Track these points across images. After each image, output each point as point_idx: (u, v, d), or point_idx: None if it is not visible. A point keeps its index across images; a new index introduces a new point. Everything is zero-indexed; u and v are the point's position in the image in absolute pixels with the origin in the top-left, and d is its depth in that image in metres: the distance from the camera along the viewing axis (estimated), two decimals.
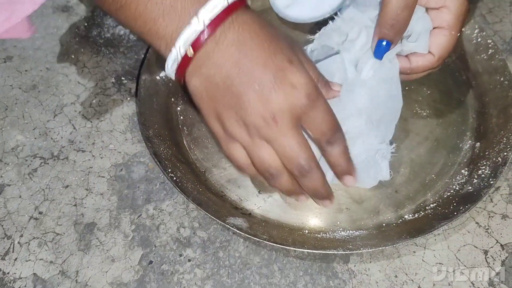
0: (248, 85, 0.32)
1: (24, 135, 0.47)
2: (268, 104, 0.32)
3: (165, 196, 0.43)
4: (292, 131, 0.33)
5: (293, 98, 0.33)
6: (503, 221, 0.42)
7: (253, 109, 0.33)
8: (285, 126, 0.33)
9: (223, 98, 0.33)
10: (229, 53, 0.32)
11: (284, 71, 0.33)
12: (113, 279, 0.39)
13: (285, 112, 0.33)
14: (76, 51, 0.53)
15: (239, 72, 0.32)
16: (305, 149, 0.34)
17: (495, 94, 0.47)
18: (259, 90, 0.32)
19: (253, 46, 0.33)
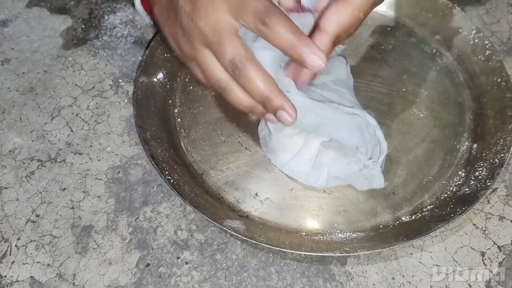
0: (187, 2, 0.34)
1: (22, 137, 0.47)
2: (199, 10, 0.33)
3: (163, 199, 0.43)
4: (223, 31, 0.33)
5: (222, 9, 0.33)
6: (500, 222, 0.42)
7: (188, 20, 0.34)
8: (216, 27, 0.33)
9: (173, 19, 0.36)
10: None
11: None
12: (110, 282, 0.39)
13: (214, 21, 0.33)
14: (73, 54, 0.53)
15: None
16: (236, 43, 0.33)
17: (492, 95, 0.47)
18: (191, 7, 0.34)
19: None
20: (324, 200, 0.42)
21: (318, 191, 0.42)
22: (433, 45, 0.52)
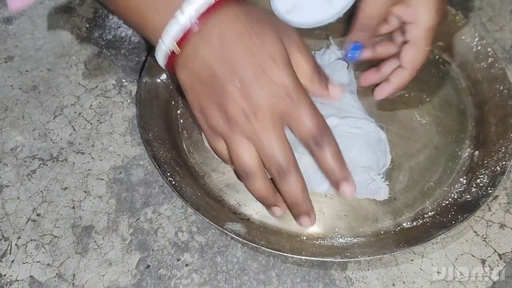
0: (229, 80, 0.33)
1: (24, 136, 0.47)
2: (248, 100, 0.33)
3: (164, 200, 0.43)
4: (273, 129, 0.34)
5: (273, 96, 0.33)
6: (501, 230, 0.42)
7: (234, 105, 0.33)
8: (265, 123, 0.33)
9: (207, 92, 0.34)
10: (213, 48, 0.33)
11: (265, 69, 0.33)
12: (110, 283, 0.39)
13: (265, 109, 0.33)
14: (77, 53, 0.53)
15: (221, 67, 0.33)
16: (285, 149, 0.34)
17: (495, 103, 0.47)
18: (240, 87, 0.33)
19: (237, 42, 0.33)
20: (325, 205, 0.42)
21: (320, 195, 0.42)
22: (436, 52, 0.52)
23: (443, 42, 0.52)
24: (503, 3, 0.58)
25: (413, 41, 0.41)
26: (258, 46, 0.33)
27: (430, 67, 0.51)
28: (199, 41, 0.33)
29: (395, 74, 0.44)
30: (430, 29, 0.41)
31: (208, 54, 0.33)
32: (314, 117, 0.34)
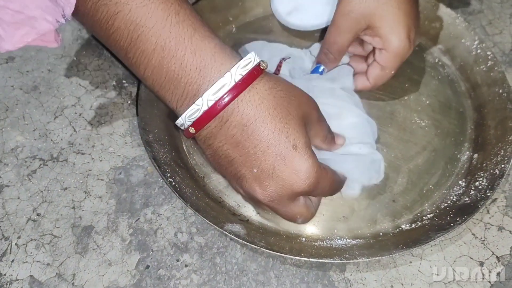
0: (247, 168, 0.33)
1: (24, 136, 0.47)
2: (265, 189, 0.33)
3: (164, 201, 0.43)
4: (290, 206, 0.35)
5: (293, 184, 0.33)
6: (499, 233, 0.42)
7: (251, 191, 0.34)
8: (282, 205, 0.35)
9: (226, 169, 0.34)
10: (232, 134, 0.32)
11: (285, 159, 0.32)
12: (109, 283, 0.39)
13: (282, 196, 0.34)
14: (78, 54, 0.53)
15: (240, 154, 0.33)
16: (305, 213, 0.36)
17: (494, 106, 0.47)
18: (257, 175, 0.33)
19: (257, 129, 0.32)
20: (324, 207, 0.42)
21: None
22: (435, 55, 0.52)
23: (442, 45, 0.52)
24: (503, 7, 0.58)
25: (381, 64, 0.44)
26: (282, 133, 0.32)
27: (430, 70, 0.51)
28: (217, 123, 0.32)
29: (359, 79, 0.46)
30: (398, 56, 0.43)
31: (227, 139, 0.32)
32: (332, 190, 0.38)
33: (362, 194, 0.43)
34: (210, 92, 0.31)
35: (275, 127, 0.32)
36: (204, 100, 0.31)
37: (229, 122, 0.32)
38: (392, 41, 0.42)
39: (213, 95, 0.31)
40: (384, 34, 0.42)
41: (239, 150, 0.32)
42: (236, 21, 0.55)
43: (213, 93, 0.31)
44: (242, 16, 0.56)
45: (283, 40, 0.54)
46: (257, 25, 0.55)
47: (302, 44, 0.53)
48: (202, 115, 0.32)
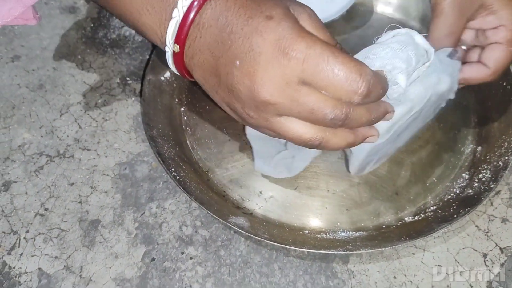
0: (231, 65, 0.29)
1: (31, 133, 0.48)
2: (254, 78, 0.28)
3: (168, 195, 0.44)
4: (298, 94, 0.28)
5: (279, 58, 0.28)
6: (503, 224, 0.42)
7: (244, 91, 0.29)
8: (285, 96, 0.29)
9: (219, 84, 0.31)
10: (210, 35, 0.30)
11: (262, 32, 0.28)
12: (116, 275, 0.39)
13: (274, 78, 0.28)
14: (82, 52, 0.54)
15: (221, 54, 0.29)
16: (323, 104, 0.29)
17: (498, 99, 0.47)
18: (241, 66, 0.28)
19: (229, 19, 0.29)
20: (327, 199, 0.43)
21: (322, 190, 0.43)
22: None
23: None
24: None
25: (501, 41, 0.39)
26: (254, 12, 0.28)
27: None
28: (196, 31, 0.30)
29: (474, 67, 0.40)
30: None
31: (206, 42, 0.30)
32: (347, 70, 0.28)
33: (365, 187, 0.43)
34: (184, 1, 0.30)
35: (246, 9, 0.29)
36: (179, 8, 0.30)
37: (207, 24, 0.30)
38: (508, 15, 0.38)
39: (185, 0, 0.30)
40: (499, 9, 0.38)
41: (219, 50, 0.29)
42: None
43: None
44: None
45: None
46: None
47: None
48: (181, 24, 0.30)
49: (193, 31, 0.30)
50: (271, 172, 0.43)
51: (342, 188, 0.43)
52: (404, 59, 0.31)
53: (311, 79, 0.28)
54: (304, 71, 0.28)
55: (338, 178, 0.44)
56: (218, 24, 0.29)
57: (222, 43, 0.29)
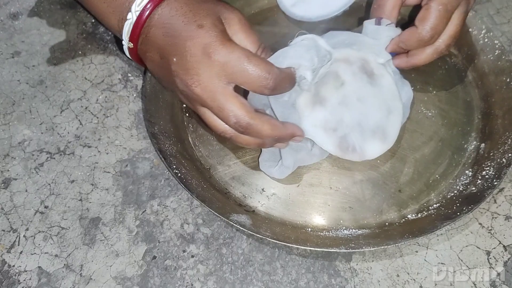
0: (171, 62, 0.36)
1: (31, 130, 0.48)
2: (188, 75, 0.35)
3: (170, 192, 0.43)
4: (221, 95, 0.35)
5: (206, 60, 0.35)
6: (507, 222, 0.41)
7: (182, 86, 0.36)
8: (211, 93, 0.35)
9: (166, 77, 0.38)
10: (158, 35, 0.37)
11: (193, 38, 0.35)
12: (117, 273, 0.39)
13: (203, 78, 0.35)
14: (83, 47, 0.54)
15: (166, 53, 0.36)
16: (238, 106, 0.35)
17: (501, 95, 0.47)
18: (178, 63, 0.36)
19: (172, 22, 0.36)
20: (330, 197, 0.42)
21: (324, 187, 0.43)
22: None
23: None
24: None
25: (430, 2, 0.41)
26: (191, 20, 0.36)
27: (436, 60, 0.50)
28: (147, 31, 0.38)
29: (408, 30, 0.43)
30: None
31: (157, 41, 0.37)
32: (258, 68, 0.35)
33: (368, 184, 0.43)
34: (136, 3, 0.37)
35: (184, 17, 0.36)
36: (133, 12, 0.38)
37: (155, 27, 0.37)
38: None
39: (138, 5, 0.37)
40: None
41: (165, 49, 0.37)
42: None
43: (138, 4, 0.37)
44: (246, 8, 0.55)
45: (288, 32, 0.53)
46: (262, 16, 0.55)
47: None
48: (134, 26, 0.38)
49: (143, 31, 0.38)
50: (276, 173, 0.43)
51: (344, 185, 0.43)
52: (308, 59, 0.39)
53: (231, 78, 0.35)
54: (225, 71, 0.35)
55: (341, 175, 0.43)
56: (164, 27, 0.37)
57: (166, 43, 0.37)
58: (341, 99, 0.42)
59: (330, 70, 0.43)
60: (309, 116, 0.41)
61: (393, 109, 0.43)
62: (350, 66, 0.43)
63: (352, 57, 0.44)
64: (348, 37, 0.45)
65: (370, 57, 0.44)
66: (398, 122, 0.43)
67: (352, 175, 0.43)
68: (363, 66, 0.44)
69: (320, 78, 0.41)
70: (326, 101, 0.42)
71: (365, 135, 0.42)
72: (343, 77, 0.43)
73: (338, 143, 0.42)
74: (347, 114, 0.42)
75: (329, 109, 0.42)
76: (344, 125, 0.42)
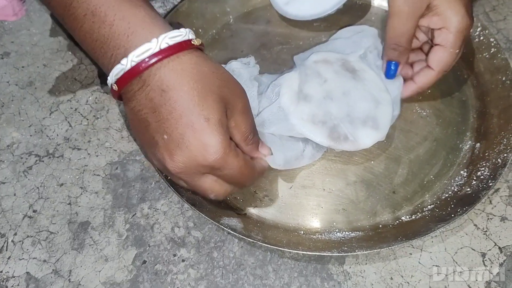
0: (160, 135, 0.33)
1: (20, 132, 0.47)
2: (173, 159, 0.33)
3: (160, 195, 0.43)
4: (199, 180, 0.35)
5: (198, 157, 0.33)
6: (502, 223, 0.41)
7: (161, 159, 0.34)
8: (191, 178, 0.34)
9: (143, 135, 0.35)
10: (151, 97, 0.33)
11: (195, 130, 0.32)
12: (106, 279, 0.38)
13: (188, 168, 0.33)
14: (73, 48, 0.53)
15: (156, 120, 0.33)
16: (216, 189, 0.36)
17: (497, 94, 0.46)
18: (167, 143, 0.33)
19: (174, 96, 0.32)
20: (323, 199, 0.42)
21: (317, 189, 0.42)
22: None
23: None
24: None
25: (443, 44, 0.42)
26: (197, 105, 0.32)
27: None
28: (140, 85, 0.33)
29: (421, 74, 0.44)
30: (459, 32, 0.41)
31: (146, 101, 0.33)
32: (240, 175, 0.35)
33: (362, 186, 0.42)
34: (134, 54, 0.32)
35: (191, 98, 0.32)
36: (129, 60, 0.33)
37: (150, 86, 0.33)
38: (453, 17, 0.41)
39: (137, 57, 0.32)
40: (443, 11, 0.41)
41: (155, 116, 0.33)
42: (233, 12, 0.54)
43: (137, 55, 0.32)
44: (239, 7, 0.55)
45: (281, 31, 0.53)
46: (255, 15, 0.54)
47: (300, 34, 0.52)
48: (125, 74, 0.33)
49: (135, 82, 0.33)
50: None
51: (338, 187, 0.42)
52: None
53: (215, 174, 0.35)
54: (213, 172, 0.34)
55: (334, 177, 0.43)
56: (162, 95, 0.32)
57: (159, 112, 0.33)
58: (325, 94, 0.42)
59: (311, 71, 0.43)
60: (295, 111, 0.41)
61: (381, 100, 0.43)
62: (331, 66, 0.44)
63: (331, 58, 0.45)
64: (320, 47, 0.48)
65: (350, 57, 0.45)
66: (388, 112, 0.43)
67: (345, 176, 0.43)
68: (343, 65, 0.44)
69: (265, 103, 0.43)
70: (310, 96, 0.42)
71: (355, 124, 0.42)
72: (325, 75, 0.43)
73: (329, 133, 0.41)
74: (334, 106, 0.42)
75: (315, 103, 0.42)
76: (333, 117, 0.42)
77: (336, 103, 0.42)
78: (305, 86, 0.42)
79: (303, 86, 0.42)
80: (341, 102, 0.42)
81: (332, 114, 0.42)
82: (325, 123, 0.41)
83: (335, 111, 0.42)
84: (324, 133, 0.41)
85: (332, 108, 0.42)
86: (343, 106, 0.42)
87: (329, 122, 0.41)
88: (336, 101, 0.42)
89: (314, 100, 0.42)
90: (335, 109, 0.42)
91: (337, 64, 0.44)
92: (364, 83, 0.43)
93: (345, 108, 0.42)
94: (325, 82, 0.43)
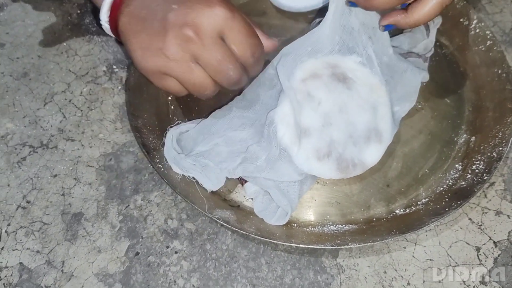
0: (166, 7, 0.35)
1: (14, 123, 0.47)
2: (187, 18, 0.35)
3: (154, 187, 0.43)
4: (215, 44, 0.36)
5: (210, 13, 0.35)
6: (497, 217, 0.41)
7: (175, 27, 0.35)
8: (207, 40, 0.35)
9: (146, 28, 0.36)
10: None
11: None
12: (99, 270, 0.38)
13: (204, 26, 0.35)
14: (68, 39, 0.53)
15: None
16: (231, 59, 0.37)
17: (492, 87, 0.46)
18: (177, 9, 0.35)
19: None
20: (316, 192, 0.42)
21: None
22: None
23: (440, 25, 0.51)
24: None
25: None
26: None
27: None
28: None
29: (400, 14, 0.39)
30: None
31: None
32: (250, 34, 0.37)
33: (356, 179, 0.42)
34: None
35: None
36: None
37: None
38: None
39: None
40: None
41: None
42: None
43: None
44: None
45: (276, 22, 0.52)
46: (250, 7, 0.54)
47: (296, 25, 0.52)
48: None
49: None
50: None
51: (332, 180, 0.42)
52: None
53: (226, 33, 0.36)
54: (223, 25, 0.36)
55: None
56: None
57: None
58: (323, 119, 0.40)
59: (302, 95, 0.41)
60: (299, 152, 0.39)
61: (376, 104, 0.41)
62: (320, 79, 0.41)
63: (318, 69, 0.42)
64: (304, 44, 0.42)
65: (338, 58, 0.42)
66: (387, 114, 0.42)
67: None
68: (333, 74, 0.41)
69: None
70: (309, 129, 0.40)
71: (359, 144, 0.40)
72: (318, 95, 0.41)
73: (337, 166, 0.40)
74: (335, 132, 0.40)
75: (315, 136, 0.40)
76: (336, 144, 0.40)
77: (336, 126, 0.40)
78: (301, 117, 0.40)
79: (299, 118, 0.40)
80: (340, 123, 0.40)
81: (335, 141, 0.40)
82: (330, 156, 0.40)
83: (337, 137, 0.40)
84: (333, 168, 0.40)
85: (333, 134, 0.40)
86: (343, 128, 0.40)
87: (334, 153, 0.40)
88: (335, 124, 0.40)
89: (314, 132, 0.40)
90: (336, 134, 0.40)
91: (326, 75, 0.41)
92: (358, 90, 0.41)
93: (346, 129, 0.40)
94: (319, 105, 0.40)
